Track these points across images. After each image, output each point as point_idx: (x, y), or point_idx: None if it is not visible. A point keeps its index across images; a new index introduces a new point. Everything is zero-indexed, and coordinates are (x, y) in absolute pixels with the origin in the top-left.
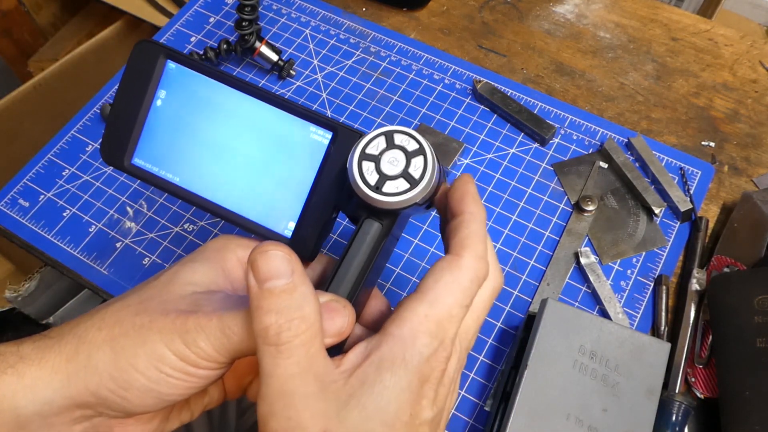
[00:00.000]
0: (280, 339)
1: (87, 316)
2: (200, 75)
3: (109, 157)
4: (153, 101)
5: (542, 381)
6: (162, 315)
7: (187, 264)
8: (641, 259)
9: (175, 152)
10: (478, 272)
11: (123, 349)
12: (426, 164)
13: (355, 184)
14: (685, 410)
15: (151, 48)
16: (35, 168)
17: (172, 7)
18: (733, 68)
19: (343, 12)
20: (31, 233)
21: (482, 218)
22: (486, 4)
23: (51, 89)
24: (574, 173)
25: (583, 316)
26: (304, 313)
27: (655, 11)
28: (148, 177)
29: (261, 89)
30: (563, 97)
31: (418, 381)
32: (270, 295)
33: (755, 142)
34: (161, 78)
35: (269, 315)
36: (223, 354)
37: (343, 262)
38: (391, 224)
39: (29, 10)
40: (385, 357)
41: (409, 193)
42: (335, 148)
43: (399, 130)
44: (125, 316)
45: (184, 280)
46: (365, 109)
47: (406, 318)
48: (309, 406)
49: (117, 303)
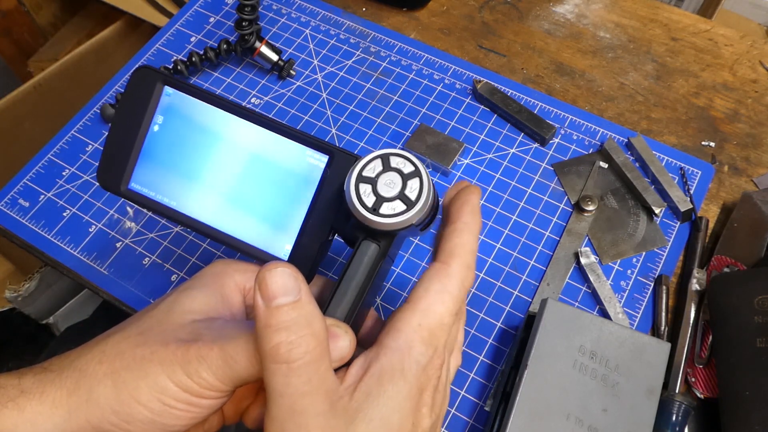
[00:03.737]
0: (291, 356)
1: (87, 348)
2: (197, 101)
3: (105, 182)
4: (150, 127)
5: (542, 381)
6: (162, 346)
7: (185, 291)
8: (641, 259)
9: (171, 177)
10: (465, 281)
11: (125, 382)
12: (422, 186)
13: (352, 206)
14: (685, 410)
15: (149, 74)
16: (35, 168)
17: (172, 7)
18: (733, 68)
19: (343, 12)
20: (31, 233)
21: (476, 230)
22: (486, 4)
23: (51, 89)
24: (574, 173)
25: (583, 316)
26: (313, 330)
27: (655, 11)
28: (144, 201)
29: (258, 113)
30: (563, 97)
31: (417, 390)
32: (279, 312)
33: (755, 142)
34: (158, 104)
35: (279, 333)
36: (226, 383)
37: (340, 284)
38: (387, 245)
39: (29, 10)
40: (385, 369)
41: (405, 215)
42: (331, 171)
43: (395, 153)
44: (126, 348)
45: (182, 308)
46: (365, 109)
47: (401, 329)
48: (320, 424)
49: (117, 334)
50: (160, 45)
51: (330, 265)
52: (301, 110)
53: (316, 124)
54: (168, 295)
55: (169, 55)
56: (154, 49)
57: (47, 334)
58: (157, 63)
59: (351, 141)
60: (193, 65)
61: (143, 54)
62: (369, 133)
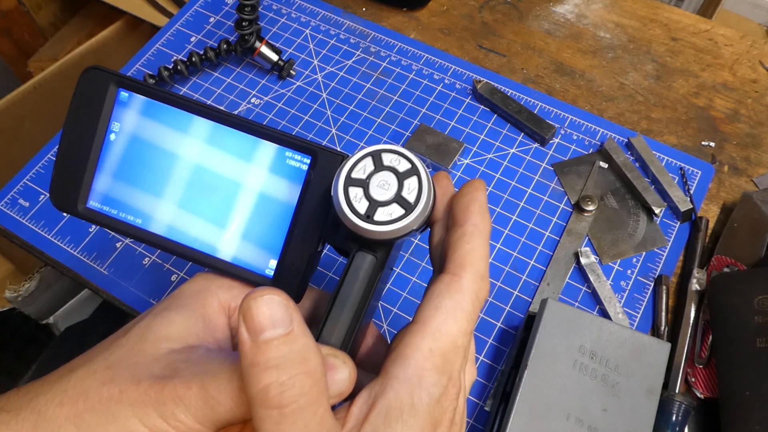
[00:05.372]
0: (283, 400)
1: (47, 385)
2: (157, 102)
3: (59, 202)
4: (106, 136)
5: (542, 381)
6: (133, 384)
7: (161, 314)
8: (641, 259)
9: (134, 191)
10: (480, 294)
11: (89, 427)
12: (421, 186)
13: (342, 213)
14: (685, 410)
15: (100, 76)
16: (35, 168)
17: (172, 7)
18: (733, 68)
19: (343, 12)
20: (31, 233)
21: (486, 232)
22: (486, 4)
23: (51, 89)
24: (574, 173)
25: (583, 316)
26: (309, 368)
27: (655, 11)
28: (106, 221)
29: (227, 113)
30: (563, 97)
31: (430, 426)
32: (267, 348)
33: (755, 142)
34: (113, 109)
35: (268, 372)
36: (207, 425)
37: (334, 305)
38: (385, 255)
39: (29, 10)
40: (392, 405)
41: (404, 220)
42: (315, 173)
43: (387, 149)
44: (90, 386)
45: (157, 335)
46: (365, 109)
47: (409, 356)
48: None
49: (81, 369)
50: (160, 45)
51: (319, 275)
52: (301, 110)
53: (316, 124)
54: (142, 317)
55: (169, 55)
56: (154, 49)
57: (47, 334)
58: (157, 63)
59: (351, 141)
60: (193, 65)
61: (143, 54)
62: (369, 133)
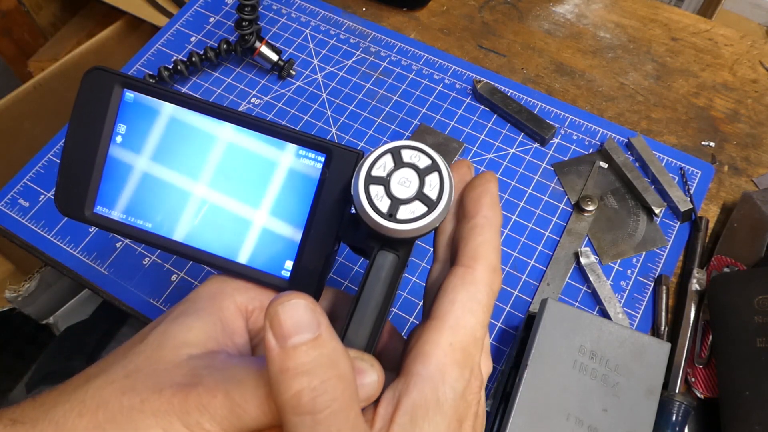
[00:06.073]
0: (316, 406)
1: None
2: (164, 103)
3: (65, 208)
4: (112, 138)
5: (542, 381)
6: (155, 393)
7: (178, 319)
8: (641, 259)
9: (143, 195)
10: (494, 286)
11: None
12: (443, 182)
13: (364, 212)
14: (685, 410)
15: (103, 77)
16: (35, 168)
17: (172, 7)
18: (733, 68)
19: (343, 12)
20: (31, 233)
21: (498, 224)
22: (486, 4)
23: (51, 89)
24: (574, 173)
25: (583, 316)
26: (339, 371)
27: (655, 11)
28: (115, 226)
29: (237, 112)
30: (563, 97)
31: (456, 422)
32: (296, 353)
33: (755, 142)
34: (119, 111)
35: (298, 378)
36: None
37: (358, 306)
38: (407, 254)
39: (29, 10)
40: (418, 403)
41: (427, 218)
42: (330, 171)
43: (407, 145)
44: (110, 396)
45: (176, 341)
46: (365, 109)
47: (429, 352)
48: None
49: (99, 378)
50: (160, 45)
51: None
52: (301, 110)
53: (316, 124)
54: (158, 323)
55: (169, 55)
56: (154, 49)
57: (47, 334)
58: (157, 63)
59: (351, 141)
60: (193, 65)
61: (143, 54)
62: (369, 133)
